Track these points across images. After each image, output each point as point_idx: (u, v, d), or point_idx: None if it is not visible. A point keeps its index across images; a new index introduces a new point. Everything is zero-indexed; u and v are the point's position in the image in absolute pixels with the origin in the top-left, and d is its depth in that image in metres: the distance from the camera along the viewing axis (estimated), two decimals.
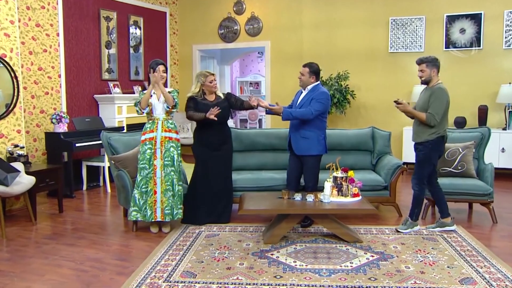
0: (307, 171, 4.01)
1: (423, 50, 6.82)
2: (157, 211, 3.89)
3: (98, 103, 6.48)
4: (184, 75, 8.58)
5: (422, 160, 3.83)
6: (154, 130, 3.92)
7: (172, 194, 3.92)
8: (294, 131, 4.02)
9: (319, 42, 7.51)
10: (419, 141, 3.82)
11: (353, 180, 3.76)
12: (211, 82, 4.12)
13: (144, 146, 3.91)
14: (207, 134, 4.16)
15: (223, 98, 4.17)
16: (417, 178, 3.86)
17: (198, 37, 8.36)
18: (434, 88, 3.77)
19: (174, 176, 3.91)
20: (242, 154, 4.93)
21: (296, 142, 4.01)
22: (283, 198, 3.85)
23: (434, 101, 3.70)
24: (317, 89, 3.98)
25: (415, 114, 3.78)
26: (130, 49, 7.20)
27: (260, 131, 5.15)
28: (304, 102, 3.98)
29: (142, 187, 3.88)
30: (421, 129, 3.80)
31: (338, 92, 6.78)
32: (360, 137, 4.91)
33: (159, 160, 3.87)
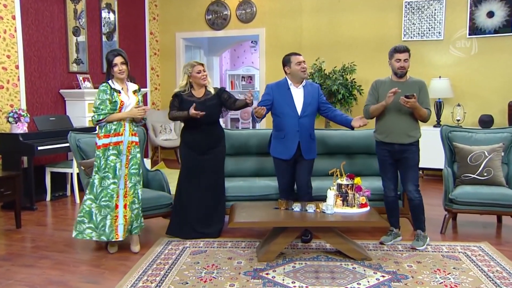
0: (308, 175, 4.09)
1: (442, 38, 6.88)
2: (119, 229, 3.82)
3: (65, 99, 6.45)
4: (166, 68, 8.58)
5: (417, 161, 3.96)
6: (121, 133, 3.81)
7: (138, 207, 3.89)
8: (305, 133, 4.06)
9: (321, 30, 7.55)
10: (412, 141, 3.91)
11: (360, 188, 3.78)
12: (198, 73, 4.12)
13: (106, 151, 3.79)
14: (193, 136, 4.17)
15: (213, 94, 4.17)
16: (415, 184, 3.93)
17: (182, 24, 8.37)
18: (417, 81, 3.95)
19: (138, 187, 3.88)
20: (233, 159, 4.93)
21: (307, 145, 4.07)
22: (279, 208, 3.86)
23: (426, 96, 3.92)
24: (308, 82, 4.20)
25: (420, 110, 3.85)
26: (103, 37, 7.19)
27: (254, 132, 5.15)
28: (310, 101, 4.06)
29: (102, 200, 3.79)
30: (412, 128, 3.92)
31: (343, 87, 6.82)
32: (369, 138, 4.92)
33: (123, 169, 3.81)
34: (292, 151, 4.04)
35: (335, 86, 6.76)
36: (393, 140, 3.93)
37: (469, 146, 4.54)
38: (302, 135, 4.04)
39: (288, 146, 4.06)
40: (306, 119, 4.06)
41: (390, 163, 3.99)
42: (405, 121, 3.90)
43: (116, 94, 3.80)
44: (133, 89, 3.93)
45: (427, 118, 3.89)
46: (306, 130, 4.05)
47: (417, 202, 3.94)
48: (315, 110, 4.14)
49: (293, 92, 4.10)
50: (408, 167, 3.92)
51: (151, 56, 8.42)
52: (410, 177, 3.91)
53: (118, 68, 3.77)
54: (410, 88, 3.89)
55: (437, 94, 6.63)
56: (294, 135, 4.04)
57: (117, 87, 3.83)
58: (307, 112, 4.06)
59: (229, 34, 8.25)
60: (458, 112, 6.70)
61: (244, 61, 12.16)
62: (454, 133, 4.69)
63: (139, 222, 3.94)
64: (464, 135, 4.69)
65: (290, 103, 4.07)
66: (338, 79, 6.88)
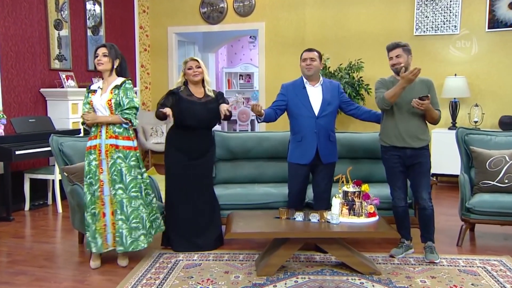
0: (329, 180, 4.15)
1: (458, 32, 6.91)
2: (108, 238, 3.83)
3: (46, 99, 6.47)
4: (157, 65, 8.60)
5: (429, 167, 4.00)
6: (97, 136, 3.85)
7: (122, 218, 3.86)
8: (324, 135, 4.09)
9: (325, 24, 7.58)
10: (424, 144, 3.95)
11: (368, 196, 3.79)
12: (189, 69, 4.14)
13: (88, 155, 3.86)
14: (186, 138, 4.18)
15: (213, 97, 4.18)
16: (429, 191, 3.95)
17: (174, 17, 8.40)
18: (424, 79, 3.99)
19: (123, 196, 3.84)
20: (230, 164, 4.94)
21: (326, 147, 4.10)
22: (280, 218, 3.87)
23: (435, 95, 3.96)
24: (327, 80, 4.25)
25: (432, 111, 3.89)
26: (88, 31, 7.21)
27: (253, 134, 5.16)
28: (330, 100, 4.11)
29: (91, 208, 3.82)
30: (423, 130, 3.96)
31: (349, 86, 6.84)
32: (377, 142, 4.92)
33: (105, 174, 3.82)
34: (311, 155, 4.07)
35: (341, 85, 6.76)
36: (405, 144, 3.93)
37: (488, 150, 4.54)
38: (320, 136, 4.07)
39: (306, 149, 4.08)
40: (325, 120, 4.08)
41: (400, 170, 4.00)
42: (416, 123, 3.93)
43: (89, 95, 3.87)
44: (115, 85, 3.88)
45: (438, 119, 3.95)
46: (324, 131, 4.08)
47: (430, 211, 3.95)
48: (335, 109, 4.18)
49: (309, 91, 4.13)
50: (422, 173, 3.93)
51: (141, 52, 8.45)
52: (424, 184, 3.93)
53: (97, 59, 3.82)
54: (418, 87, 3.92)
55: (452, 94, 6.65)
56: (312, 137, 4.06)
57: (94, 86, 3.88)
58: (326, 112, 4.09)
59: (226, 29, 8.28)
60: (475, 113, 6.71)
61: (242, 58, 12.19)
62: (471, 136, 4.70)
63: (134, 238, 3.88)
64: (483, 138, 4.69)
65: (306, 103, 4.10)
66: (344, 77, 6.91)
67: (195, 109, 4.09)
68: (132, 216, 3.87)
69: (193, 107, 4.09)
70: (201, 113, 4.10)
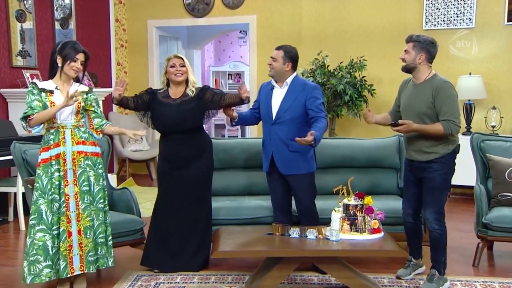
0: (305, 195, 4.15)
1: (473, 25, 6.94)
2: (74, 261, 3.77)
3: (7, 101, 6.45)
4: (136, 63, 8.60)
5: (440, 184, 3.83)
6: (60, 143, 3.79)
7: (92, 235, 3.84)
8: (279, 143, 4.08)
9: (324, 17, 7.62)
10: (431, 158, 3.81)
11: (372, 210, 3.79)
12: (172, 67, 4.14)
13: (48, 167, 3.75)
14: (168, 146, 4.21)
15: (191, 96, 4.17)
16: (436, 211, 3.84)
17: (155, 10, 8.42)
18: (435, 83, 3.79)
19: (92, 208, 3.84)
20: (218, 174, 4.91)
21: (282, 157, 4.09)
22: (274, 234, 3.86)
23: (445, 102, 3.74)
24: (302, 82, 4.16)
25: (426, 130, 3.76)
26: (56, 24, 7.20)
27: (243, 141, 5.16)
28: (290, 105, 4.05)
29: (54, 229, 3.76)
30: (429, 142, 3.81)
31: (350, 86, 6.86)
32: (382, 149, 4.98)
33: (72, 187, 3.77)
34: (267, 162, 4.17)
35: (341, 85, 6.80)
36: (410, 157, 3.95)
37: (507, 158, 4.56)
38: (274, 145, 4.09)
39: (266, 156, 4.19)
40: (280, 127, 4.06)
41: (412, 180, 3.99)
42: (421, 135, 3.82)
43: (45, 95, 3.75)
44: (81, 91, 3.84)
45: (445, 133, 3.73)
46: (279, 139, 4.07)
47: (435, 235, 3.86)
48: (300, 117, 4.06)
49: (274, 93, 4.15)
50: (427, 189, 3.86)
51: (117, 48, 8.44)
52: (430, 203, 3.86)
53: (76, 66, 3.76)
54: (422, 93, 3.83)
55: (466, 95, 6.67)
56: (268, 143, 4.14)
57: (49, 86, 3.78)
58: (283, 119, 4.06)
59: (213, 23, 8.30)
60: (493, 116, 6.74)
61: (231, 55, 12.21)
62: (488, 143, 4.72)
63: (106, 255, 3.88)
64: (501, 145, 4.71)
65: (267, 106, 4.15)
66: (345, 77, 6.93)
67: (165, 113, 4.10)
68: (100, 230, 3.87)
69: (163, 110, 4.11)
70: (171, 116, 4.08)
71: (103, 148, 4.62)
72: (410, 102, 3.89)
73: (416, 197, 3.99)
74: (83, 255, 3.80)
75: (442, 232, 3.85)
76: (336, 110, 7.03)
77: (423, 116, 3.79)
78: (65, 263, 3.74)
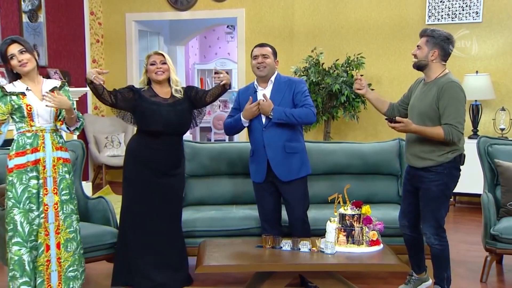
0: (300, 205, 4.14)
1: (480, 19, 6.97)
2: (52, 278, 3.74)
3: None
4: (113, 60, 8.57)
5: (437, 195, 3.80)
6: (39, 148, 3.76)
7: (77, 246, 3.84)
8: (275, 147, 4.08)
9: (318, 11, 7.64)
10: (426, 165, 3.79)
11: (370, 220, 3.80)
12: (152, 65, 4.10)
13: (24, 174, 3.71)
14: (152, 149, 4.10)
15: (181, 98, 4.16)
16: (434, 225, 3.83)
17: (134, 2, 8.41)
18: (441, 81, 3.77)
19: (73, 218, 3.85)
20: (202, 182, 4.94)
21: (280, 162, 4.09)
22: (264, 247, 3.86)
23: (450, 103, 3.70)
24: (285, 78, 4.24)
25: (425, 132, 3.73)
26: (23, 17, 7.14)
27: (231, 145, 5.19)
28: (278, 104, 4.07)
29: (31, 241, 3.72)
30: (428, 147, 3.78)
31: (347, 86, 6.88)
32: (381, 154, 4.99)
33: (51, 196, 3.75)
34: (263, 171, 4.13)
35: (337, 85, 6.82)
36: (409, 162, 3.95)
37: None
38: (270, 150, 4.09)
39: (258, 165, 4.16)
40: (274, 131, 4.07)
41: (409, 189, 4.00)
42: (417, 137, 3.81)
43: (17, 98, 3.71)
44: (52, 86, 3.84)
45: (445, 138, 3.67)
46: (274, 143, 4.08)
47: (435, 251, 3.85)
48: None
49: (259, 96, 4.16)
50: (424, 200, 3.85)
51: (93, 44, 8.40)
52: (426, 215, 3.85)
53: (17, 60, 3.70)
54: (428, 91, 3.82)
55: (473, 95, 6.68)
56: (262, 151, 4.12)
57: (20, 87, 3.74)
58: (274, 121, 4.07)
59: (198, 16, 8.30)
60: (502, 118, 6.77)
61: (218, 52, 12.22)
62: (497, 147, 4.73)
63: (79, 272, 3.87)
64: (511, 149, 4.72)
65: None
66: (341, 75, 6.95)
67: (161, 111, 4.04)
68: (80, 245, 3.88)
69: (159, 108, 4.04)
70: (169, 115, 4.04)
71: (77, 153, 4.61)
72: (415, 102, 3.89)
73: (412, 208, 3.98)
74: (62, 271, 3.77)
75: (443, 247, 3.84)
76: (331, 111, 7.04)
77: (424, 117, 3.77)
78: (42, 280, 3.72)
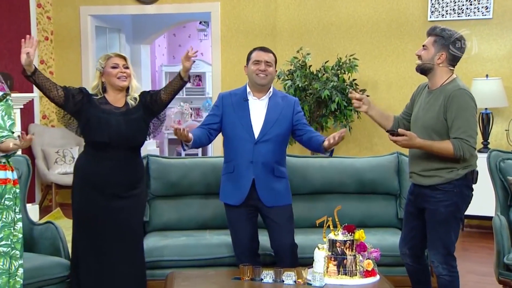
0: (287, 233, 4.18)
1: (490, 16, 7.03)
2: None
3: None
4: (65, 61, 8.56)
5: (446, 217, 3.82)
6: None
7: None
8: (264, 167, 4.11)
9: (305, 5, 7.69)
10: (434, 183, 3.81)
11: (365, 247, 3.80)
12: (114, 68, 4.06)
13: None
14: (100, 166, 4.07)
15: (135, 105, 4.13)
16: (443, 253, 3.84)
17: None
18: (448, 89, 3.78)
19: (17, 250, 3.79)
20: (170, 203, 4.96)
21: (266, 184, 4.12)
22: (242, 279, 3.85)
23: (459, 115, 3.72)
24: (281, 93, 4.38)
25: (431, 148, 3.74)
26: None
27: (204, 161, 5.20)
28: (277, 118, 4.14)
29: None
30: (437, 164, 3.80)
31: (338, 92, 6.90)
32: (378, 170, 5.03)
33: None
34: (244, 192, 4.13)
35: (327, 90, 6.83)
36: (413, 180, 3.97)
37: None
38: (258, 168, 4.11)
39: (239, 185, 4.15)
40: (266, 146, 4.10)
41: (412, 212, 4.01)
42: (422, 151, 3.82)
43: None
44: None
45: (455, 154, 3.69)
46: (265, 161, 4.11)
47: (443, 282, 3.86)
48: (284, 133, 4.20)
49: (251, 106, 4.19)
50: (430, 224, 3.87)
51: (41, 42, 8.34)
52: (433, 241, 3.88)
53: None
54: (433, 101, 3.84)
55: (483, 103, 6.71)
56: (247, 168, 4.12)
57: None
58: (269, 136, 4.11)
59: (165, 11, 8.31)
60: None
61: None
62: (510, 162, 4.75)
63: None
64: None
65: (244, 121, 4.16)
66: (331, 80, 6.96)
67: (109, 120, 3.98)
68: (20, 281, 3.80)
69: (107, 117, 3.99)
70: (118, 125, 3.98)
71: (21, 171, 4.54)
72: (419, 113, 3.90)
73: (415, 233, 4.00)
74: None
75: (453, 278, 3.86)
76: (320, 121, 7.05)
77: (430, 131, 3.78)
78: None
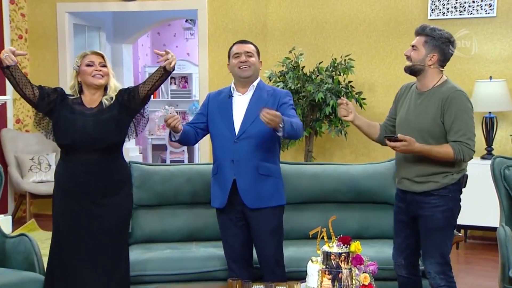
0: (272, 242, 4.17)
1: (494, 14, 7.05)
2: None
3: None
4: (41, 62, 8.56)
5: (442, 224, 3.85)
6: None
7: None
8: (247, 165, 4.11)
9: (298, 3, 7.71)
10: (429, 189, 3.84)
11: (361, 260, 3.79)
12: (89, 66, 4.05)
13: None
14: (74, 172, 4.06)
15: (109, 105, 4.10)
16: (439, 262, 3.87)
17: None
18: (444, 91, 3.82)
19: None
20: (154, 213, 4.98)
21: (248, 184, 4.11)
22: None
23: (457, 117, 3.77)
24: (270, 88, 4.37)
25: (431, 153, 3.76)
26: None
27: (190, 168, 5.21)
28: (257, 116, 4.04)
29: None
30: (431, 168, 3.83)
31: (333, 95, 6.90)
32: (374, 178, 5.04)
33: None
34: (224, 194, 4.14)
35: (321, 93, 6.83)
36: (402, 187, 3.99)
37: None
38: (239, 167, 4.10)
39: (223, 185, 4.17)
40: (248, 143, 4.10)
41: (403, 220, 4.02)
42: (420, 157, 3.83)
43: None
44: None
45: (455, 158, 3.73)
46: (246, 159, 4.10)
47: None
48: (267, 129, 4.09)
49: (235, 102, 4.21)
50: (424, 232, 3.89)
51: (15, 41, 8.33)
52: (428, 250, 3.90)
53: None
54: (427, 104, 3.85)
55: (486, 106, 6.75)
56: (229, 167, 4.13)
57: None
58: (249, 132, 4.11)
59: (149, 8, 8.35)
60: None
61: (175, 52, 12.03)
62: None
63: None
64: None
65: (226, 118, 4.19)
66: (326, 81, 6.97)
67: (75, 120, 3.97)
68: None
69: (74, 118, 3.97)
70: (85, 126, 3.96)
71: None
72: (409, 115, 3.91)
73: (409, 242, 4.01)
74: None
75: None
76: (313, 126, 7.06)
77: (426, 134, 3.80)
78: None
